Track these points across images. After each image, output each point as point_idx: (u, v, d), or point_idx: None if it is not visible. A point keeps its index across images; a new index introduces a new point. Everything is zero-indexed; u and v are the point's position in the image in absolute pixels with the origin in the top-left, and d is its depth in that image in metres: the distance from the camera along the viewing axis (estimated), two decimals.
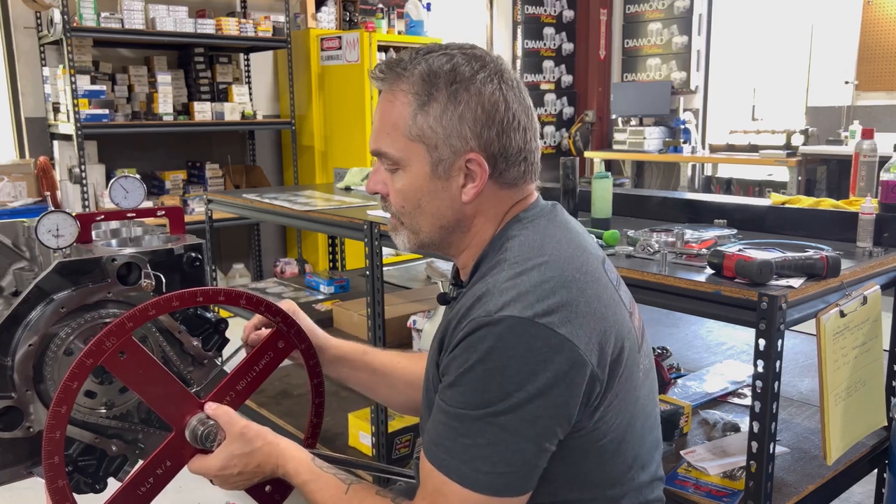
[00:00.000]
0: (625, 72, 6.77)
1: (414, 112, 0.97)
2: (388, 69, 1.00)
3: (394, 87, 0.99)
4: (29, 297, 1.00)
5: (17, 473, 1.06)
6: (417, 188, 1.00)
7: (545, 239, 0.98)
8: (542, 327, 0.87)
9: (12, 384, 0.99)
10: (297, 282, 3.46)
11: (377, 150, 1.01)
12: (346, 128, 4.93)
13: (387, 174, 1.02)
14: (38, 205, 3.89)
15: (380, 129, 1.01)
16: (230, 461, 1.01)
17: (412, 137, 0.98)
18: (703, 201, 2.18)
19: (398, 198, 1.02)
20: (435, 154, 0.97)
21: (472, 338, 0.89)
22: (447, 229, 1.02)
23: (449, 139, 0.96)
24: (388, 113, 0.99)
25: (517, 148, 0.99)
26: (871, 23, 5.24)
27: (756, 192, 5.76)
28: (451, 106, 0.96)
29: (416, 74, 0.97)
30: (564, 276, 0.93)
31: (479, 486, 0.88)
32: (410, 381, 1.28)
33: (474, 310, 0.91)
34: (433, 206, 1.00)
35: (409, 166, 0.99)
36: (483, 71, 0.97)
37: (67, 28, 3.87)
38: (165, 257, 1.12)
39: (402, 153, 0.99)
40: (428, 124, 0.97)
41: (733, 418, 1.77)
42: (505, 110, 0.97)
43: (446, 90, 0.96)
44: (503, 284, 0.91)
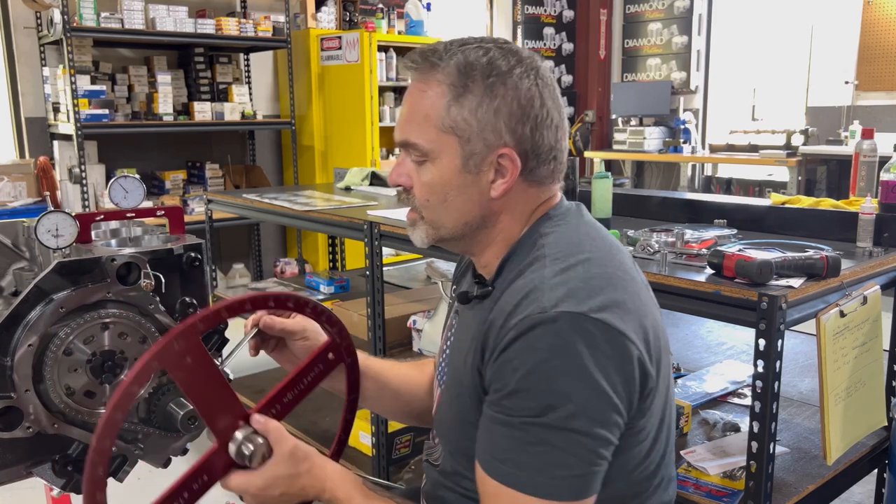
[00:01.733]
0: (625, 72, 6.77)
1: (448, 103, 0.94)
2: (423, 58, 0.97)
3: (427, 76, 0.96)
4: (28, 297, 1.00)
5: (17, 473, 1.06)
6: (446, 182, 0.97)
7: (581, 236, 0.97)
8: (600, 322, 0.85)
9: (12, 384, 0.99)
10: (297, 282, 3.46)
11: (405, 141, 0.98)
12: (346, 128, 4.93)
13: (412, 166, 0.99)
14: (37, 205, 3.89)
15: (409, 118, 0.98)
16: (274, 481, 0.93)
17: (444, 129, 0.95)
18: (703, 201, 2.17)
19: (423, 191, 0.99)
20: (467, 147, 0.95)
21: (529, 337, 0.85)
22: (471, 226, 0.99)
23: (483, 133, 0.94)
24: (420, 103, 0.96)
25: (549, 146, 0.97)
26: (871, 23, 5.24)
27: (756, 192, 5.76)
28: (487, 99, 0.94)
29: (451, 65, 0.94)
30: (608, 273, 0.92)
31: (559, 494, 0.84)
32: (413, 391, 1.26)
33: (523, 307, 0.88)
34: (460, 201, 0.98)
35: (438, 159, 0.96)
36: (520, 66, 0.95)
37: (67, 28, 3.87)
38: (165, 257, 1.12)
39: (432, 145, 0.96)
40: (462, 116, 0.94)
41: (733, 418, 1.77)
42: (540, 107, 0.95)
43: (483, 83, 0.94)
44: (551, 280, 0.89)
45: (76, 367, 1.03)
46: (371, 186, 3.18)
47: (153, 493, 0.87)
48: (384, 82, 5.11)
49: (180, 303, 1.12)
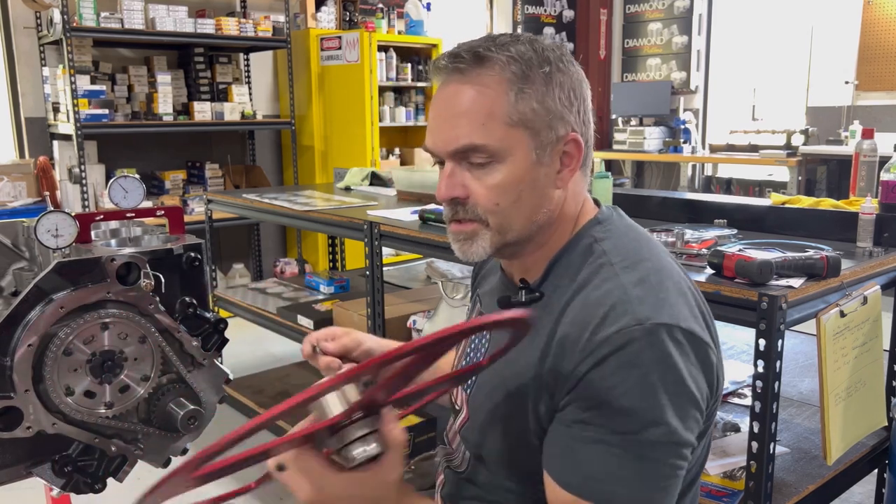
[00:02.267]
0: (625, 72, 6.77)
1: (515, 96, 0.90)
2: (471, 55, 0.91)
3: (479, 73, 0.90)
4: (28, 297, 1.00)
5: (17, 473, 1.06)
6: (518, 179, 0.91)
7: (634, 241, 0.96)
8: (689, 333, 0.85)
9: (12, 384, 0.99)
10: (297, 282, 3.46)
11: (468, 146, 0.91)
12: (346, 128, 4.93)
13: (466, 174, 0.92)
14: (37, 205, 3.89)
15: (466, 121, 0.90)
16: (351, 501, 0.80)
17: (513, 123, 0.90)
18: (703, 201, 2.17)
19: (491, 195, 0.92)
20: (538, 139, 0.91)
21: (628, 351, 0.82)
22: (537, 224, 0.95)
23: (552, 122, 0.91)
24: (477, 101, 0.90)
25: (592, 126, 0.97)
26: (871, 23, 5.24)
27: (756, 192, 5.76)
28: (548, 87, 0.91)
29: (505, 59, 0.90)
30: (675, 281, 0.92)
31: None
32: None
33: (612, 320, 0.84)
34: (534, 197, 0.93)
35: (509, 156, 0.91)
36: (560, 51, 0.94)
37: (67, 28, 3.86)
38: (165, 257, 1.11)
39: (502, 142, 0.90)
40: (530, 107, 0.90)
41: (733, 418, 1.77)
42: (585, 88, 0.95)
43: (539, 70, 0.90)
44: (634, 291, 0.86)
45: (76, 367, 1.02)
46: (371, 186, 3.18)
47: None
48: (384, 82, 5.10)
49: (180, 303, 1.12)
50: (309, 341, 1.14)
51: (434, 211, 2.10)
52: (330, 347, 1.13)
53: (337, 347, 1.13)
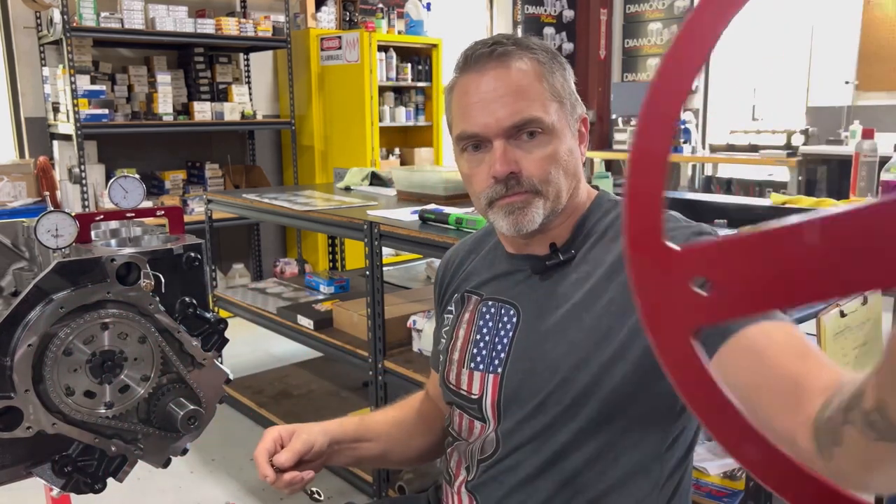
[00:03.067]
0: (625, 72, 6.77)
1: (549, 75, 1.03)
2: (510, 41, 1.04)
3: (520, 56, 1.02)
4: (28, 297, 1.00)
5: (17, 473, 1.06)
6: (564, 148, 1.04)
7: None
8: None
9: (11, 384, 0.99)
10: (297, 282, 3.45)
11: (527, 119, 1.01)
12: (346, 128, 4.93)
13: (517, 151, 1.02)
14: (37, 205, 3.89)
15: (521, 97, 1.01)
16: None
17: (555, 97, 1.03)
18: (703, 201, 2.18)
19: (544, 164, 1.03)
20: (570, 114, 1.05)
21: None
22: (573, 190, 1.07)
23: (573, 100, 1.06)
24: (524, 81, 1.02)
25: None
26: (871, 23, 5.24)
27: (756, 192, 5.76)
28: (566, 72, 1.07)
29: (531, 46, 1.04)
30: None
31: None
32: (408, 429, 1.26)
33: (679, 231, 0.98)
34: (572, 164, 1.06)
35: (557, 128, 1.03)
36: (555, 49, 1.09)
37: (67, 28, 3.87)
38: (165, 257, 1.11)
39: (552, 115, 1.03)
40: (561, 84, 1.04)
41: None
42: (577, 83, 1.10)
43: (556, 60, 1.06)
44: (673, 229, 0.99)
45: (76, 367, 1.02)
46: (371, 186, 3.18)
47: (153, 492, 0.86)
48: (384, 82, 5.11)
49: (180, 303, 1.12)
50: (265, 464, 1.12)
51: (434, 211, 2.10)
52: (285, 460, 1.11)
53: (292, 457, 1.12)
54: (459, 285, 1.20)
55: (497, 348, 1.09)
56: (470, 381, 1.12)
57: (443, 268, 1.27)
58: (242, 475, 2.68)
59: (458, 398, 1.14)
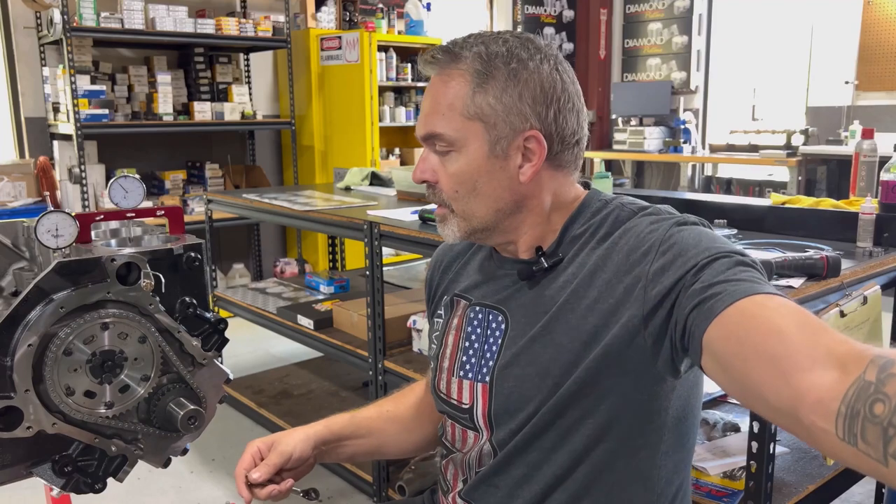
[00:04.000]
0: (625, 72, 6.77)
1: (472, 90, 0.96)
2: (443, 51, 0.99)
3: (449, 68, 0.98)
4: (28, 297, 1.00)
5: (17, 473, 1.06)
6: (474, 169, 0.98)
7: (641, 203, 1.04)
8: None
9: (12, 384, 0.99)
10: (297, 282, 3.46)
11: (430, 133, 0.99)
12: (346, 128, 4.93)
13: (436, 160, 1.01)
14: (37, 205, 3.89)
15: (432, 111, 0.99)
16: None
17: (470, 116, 0.97)
18: (703, 201, 2.18)
19: (452, 182, 1.00)
20: (493, 132, 0.97)
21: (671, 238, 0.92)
22: (503, 212, 1.01)
23: (508, 116, 0.96)
24: (442, 94, 0.98)
25: (571, 130, 1.00)
26: (871, 23, 5.24)
27: (756, 192, 5.76)
28: (511, 83, 0.96)
29: (473, 54, 0.97)
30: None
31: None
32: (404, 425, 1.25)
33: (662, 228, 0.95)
34: (490, 188, 0.99)
35: (465, 147, 0.98)
36: (538, 54, 0.98)
37: (67, 28, 3.87)
38: (165, 257, 1.11)
39: (458, 133, 0.97)
40: (487, 102, 0.96)
41: (733, 418, 1.77)
42: (561, 90, 0.98)
43: (505, 69, 0.96)
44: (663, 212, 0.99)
45: (76, 367, 1.02)
46: (371, 186, 3.18)
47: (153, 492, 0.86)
48: (384, 82, 5.11)
49: (180, 303, 1.12)
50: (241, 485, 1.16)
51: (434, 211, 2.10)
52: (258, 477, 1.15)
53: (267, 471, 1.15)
54: (448, 287, 1.18)
55: (486, 356, 1.06)
56: (460, 389, 1.09)
57: (431, 268, 1.24)
58: None
59: (450, 407, 1.12)
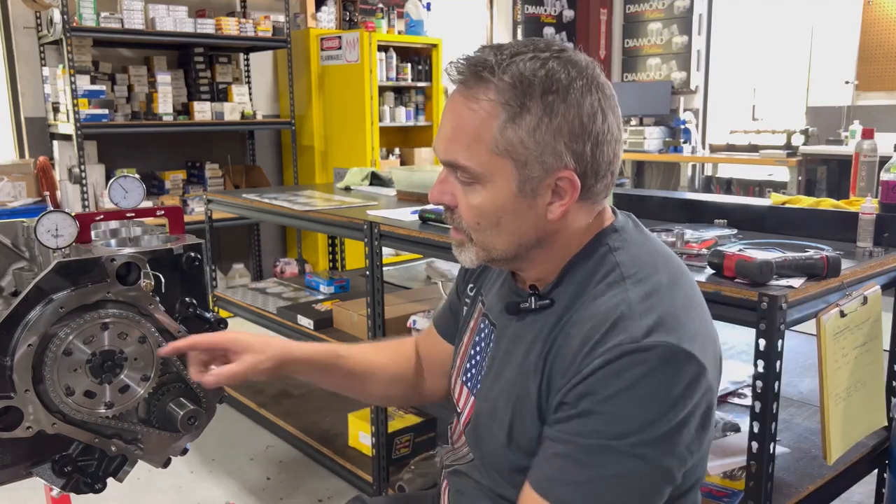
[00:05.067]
0: (625, 72, 6.77)
1: (503, 124, 0.86)
2: (471, 71, 0.88)
3: (476, 91, 0.87)
4: (28, 297, 1.00)
5: (17, 473, 1.06)
6: (499, 206, 0.89)
7: (651, 253, 0.94)
8: (689, 354, 0.83)
9: (11, 384, 0.99)
10: (297, 282, 3.45)
11: (452, 162, 0.90)
12: (346, 128, 4.93)
13: (457, 185, 0.92)
14: (37, 205, 3.89)
15: (455, 137, 0.89)
16: None
17: (499, 152, 0.87)
18: (703, 201, 2.17)
19: (473, 214, 0.92)
20: (524, 171, 0.87)
21: (617, 365, 0.82)
22: (525, 247, 0.93)
23: (542, 156, 0.87)
24: (468, 121, 0.88)
25: (608, 161, 0.91)
26: (871, 23, 5.24)
27: (756, 191, 5.76)
28: (547, 118, 0.86)
29: (506, 80, 0.86)
30: (686, 296, 0.91)
31: None
32: (386, 377, 1.25)
33: (612, 336, 0.84)
34: (514, 226, 0.91)
35: (490, 182, 0.89)
36: (580, 79, 0.87)
37: (67, 28, 3.86)
38: (165, 257, 1.11)
39: (484, 168, 0.88)
40: (519, 138, 0.86)
41: (733, 418, 1.77)
42: (601, 122, 0.88)
43: (541, 101, 0.85)
44: (639, 306, 0.85)
45: (76, 367, 1.03)
46: (371, 186, 3.18)
47: (153, 492, 0.86)
48: (384, 82, 5.10)
49: (180, 303, 1.12)
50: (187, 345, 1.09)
51: (434, 211, 2.10)
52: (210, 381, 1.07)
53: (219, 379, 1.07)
54: (479, 279, 1.16)
55: (482, 372, 1.06)
56: (460, 393, 1.11)
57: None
58: (242, 475, 2.68)
59: (453, 404, 1.13)
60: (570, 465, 0.84)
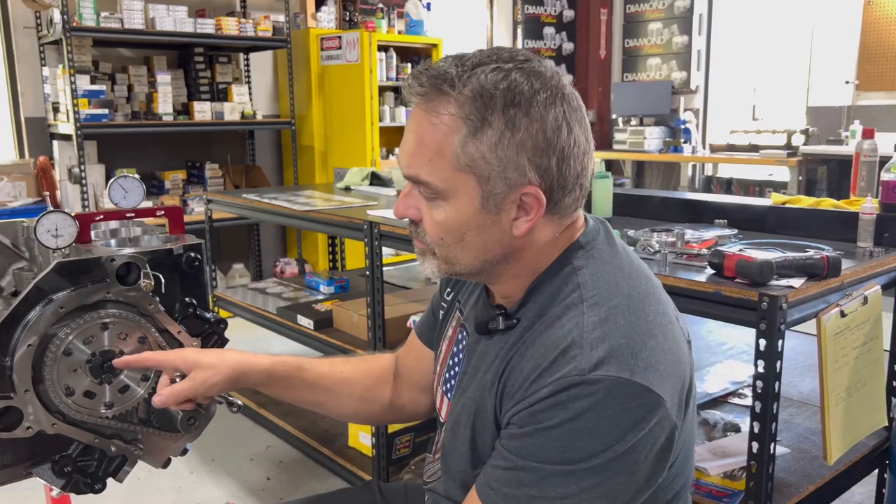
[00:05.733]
0: (625, 72, 6.77)
1: (464, 139, 0.84)
2: (431, 84, 0.85)
3: (437, 105, 0.85)
4: (28, 297, 1.00)
5: (17, 473, 1.06)
6: (463, 223, 0.87)
7: (616, 271, 0.91)
8: (640, 387, 0.80)
9: (11, 384, 0.99)
10: (297, 282, 3.45)
11: (415, 177, 0.88)
12: (346, 128, 4.93)
13: (421, 200, 0.90)
14: (37, 205, 3.89)
15: (418, 152, 0.87)
16: None
17: (460, 167, 0.85)
18: (703, 201, 2.17)
19: (437, 230, 0.90)
20: (487, 187, 0.85)
21: (562, 396, 0.80)
22: (490, 262, 0.91)
23: (505, 172, 0.84)
24: (430, 135, 0.85)
25: (575, 174, 0.88)
26: (871, 23, 5.24)
27: (756, 191, 5.76)
28: (509, 132, 0.83)
29: (466, 94, 0.83)
30: (648, 321, 0.86)
31: None
32: (357, 392, 1.20)
33: (561, 364, 0.82)
34: (479, 241, 0.89)
35: (453, 198, 0.87)
36: (544, 91, 0.84)
37: (67, 28, 3.86)
38: (165, 257, 1.11)
39: (446, 184, 0.86)
40: (480, 153, 0.84)
41: (734, 418, 1.77)
42: (567, 135, 0.85)
43: (503, 115, 0.83)
44: (591, 335, 0.83)
45: (76, 367, 1.02)
46: (371, 186, 3.18)
47: (153, 492, 0.86)
48: (384, 82, 5.11)
49: (180, 303, 1.12)
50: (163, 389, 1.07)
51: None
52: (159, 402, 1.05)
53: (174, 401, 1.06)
54: (458, 288, 1.14)
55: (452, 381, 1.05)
56: (441, 403, 1.10)
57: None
58: (242, 475, 2.67)
59: (437, 414, 1.13)
60: (510, 480, 0.84)
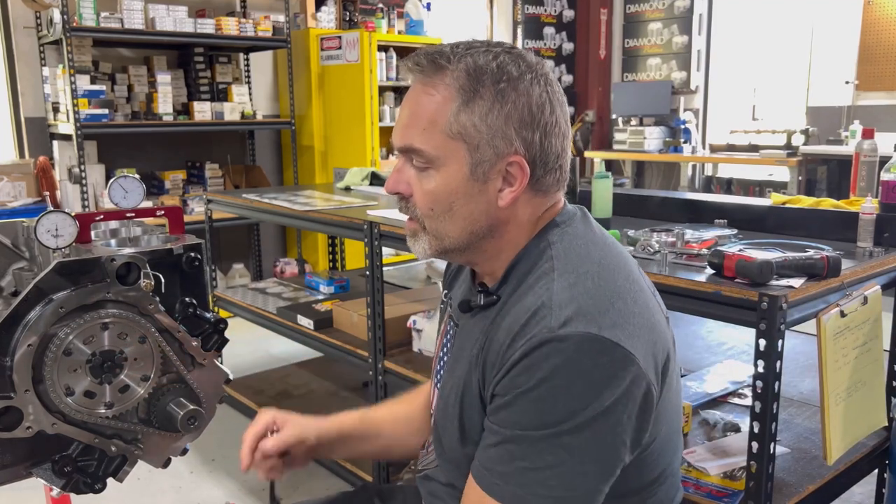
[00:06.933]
0: (625, 71, 6.77)
1: (457, 108, 0.91)
2: (428, 61, 0.93)
3: (434, 79, 0.92)
4: (28, 297, 1.00)
5: (17, 473, 1.06)
6: (452, 190, 0.93)
7: (588, 245, 0.95)
8: (609, 342, 0.83)
9: (11, 384, 0.99)
10: (297, 282, 3.45)
11: (408, 147, 0.94)
12: (346, 128, 4.93)
13: (412, 173, 0.96)
14: (37, 205, 3.89)
15: (412, 123, 0.93)
16: None
17: (452, 135, 0.91)
18: (703, 201, 2.17)
19: (426, 199, 0.95)
20: (476, 154, 0.92)
21: (534, 356, 0.84)
22: (477, 235, 0.96)
23: (493, 139, 0.91)
24: (425, 107, 0.92)
25: (556, 154, 0.94)
26: (871, 23, 5.24)
27: (756, 191, 5.76)
28: (498, 104, 0.90)
29: (461, 68, 0.91)
30: (617, 286, 0.90)
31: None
32: (418, 427, 1.25)
33: (531, 326, 0.86)
34: (466, 210, 0.94)
35: (444, 166, 0.93)
36: (529, 72, 0.92)
37: (67, 28, 3.86)
38: (165, 257, 1.11)
39: (438, 151, 0.92)
40: (472, 122, 0.91)
41: (734, 418, 1.77)
42: (549, 113, 0.93)
43: (493, 88, 0.90)
44: (560, 296, 0.87)
45: (76, 367, 1.02)
46: (371, 186, 3.18)
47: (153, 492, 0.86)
48: (384, 82, 5.10)
49: (180, 303, 1.12)
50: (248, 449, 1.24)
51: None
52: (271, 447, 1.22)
53: (278, 445, 1.22)
54: (450, 285, 1.19)
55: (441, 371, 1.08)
56: (432, 396, 1.13)
57: (446, 267, 1.25)
58: (242, 475, 2.67)
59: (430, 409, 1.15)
60: (502, 456, 0.86)
